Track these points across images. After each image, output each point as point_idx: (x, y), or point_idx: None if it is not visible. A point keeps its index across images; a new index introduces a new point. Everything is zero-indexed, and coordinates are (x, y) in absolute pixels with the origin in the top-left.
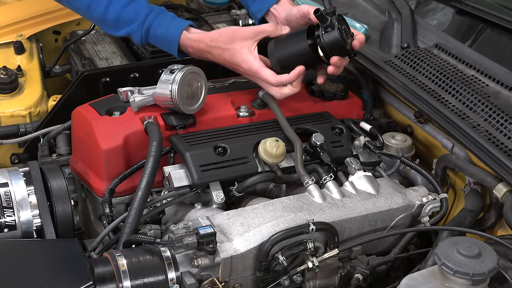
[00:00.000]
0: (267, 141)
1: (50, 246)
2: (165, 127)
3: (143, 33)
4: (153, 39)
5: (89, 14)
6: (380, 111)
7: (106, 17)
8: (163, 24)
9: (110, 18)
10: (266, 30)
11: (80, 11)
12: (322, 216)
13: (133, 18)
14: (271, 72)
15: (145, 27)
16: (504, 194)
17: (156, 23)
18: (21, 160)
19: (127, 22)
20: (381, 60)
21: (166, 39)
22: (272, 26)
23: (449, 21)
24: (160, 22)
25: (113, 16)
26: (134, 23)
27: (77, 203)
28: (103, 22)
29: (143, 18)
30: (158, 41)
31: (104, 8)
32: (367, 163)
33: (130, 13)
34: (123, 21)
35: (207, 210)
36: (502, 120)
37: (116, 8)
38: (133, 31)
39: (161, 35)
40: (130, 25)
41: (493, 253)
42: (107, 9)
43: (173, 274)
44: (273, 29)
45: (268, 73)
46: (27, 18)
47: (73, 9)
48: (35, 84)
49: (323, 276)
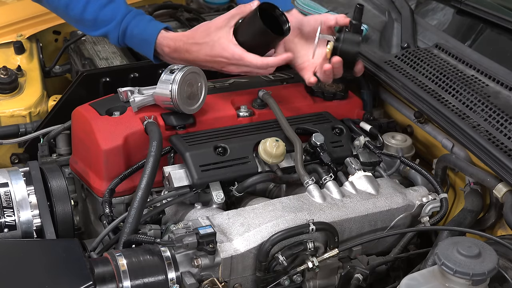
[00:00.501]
0: (267, 141)
1: (50, 246)
2: (165, 127)
3: (120, 33)
4: (130, 39)
5: (67, 13)
6: (380, 111)
7: (84, 17)
8: (140, 25)
9: (87, 18)
10: (236, 13)
11: (58, 11)
12: (322, 216)
13: (110, 19)
14: (255, 56)
15: (122, 27)
16: (504, 194)
17: (133, 24)
18: (21, 160)
19: (105, 22)
20: (381, 60)
21: (142, 39)
22: (239, 8)
23: (449, 21)
24: (137, 23)
25: (91, 16)
26: (112, 23)
27: (77, 203)
28: (80, 21)
29: (120, 18)
30: (135, 41)
31: (82, 8)
32: (367, 163)
33: (108, 14)
34: (101, 21)
35: (207, 210)
36: (502, 120)
37: (94, 8)
38: (110, 31)
39: (138, 35)
40: (108, 25)
41: (493, 253)
42: (85, 9)
43: (173, 274)
44: (242, 9)
45: (252, 57)
46: (27, 18)
47: (52, 9)
48: (35, 84)
49: (323, 276)
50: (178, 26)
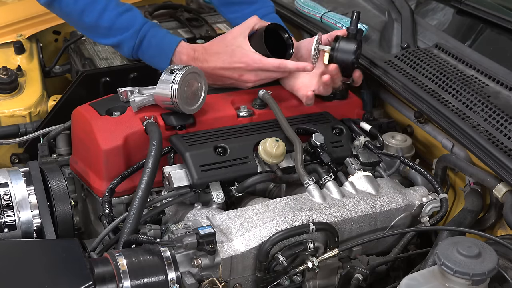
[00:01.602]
0: (267, 141)
1: (50, 246)
2: (165, 127)
3: (136, 42)
4: (146, 49)
5: (81, 19)
6: (380, 111)
7: (99, 23)
8: (159, 35)
9: (103, 25)
10: (250, 24)
11: (70, 17)
12: (322, 216)
13: (127, 27)
14: (273, 58)
15: (140, 36)
16: (504, 194)
17: (152, 33)
18: (21, 160)
19: (121, 30)
20: (381, 60)
21: (160, 48)
22: (253, 19)
23: (449, 21)
24: (155, 32)
25: (107, 23)
26: (129, 31)
27: (77, 203)
28: (94, 28)
29: (138, 27)
30: (150, 51)
31: (98, 15)
32: (367, 163)
33: (125, 22)
34: (116, 29)
35: (207, 210)
36: (502, 120)
37: (111, 15)
38: (125, 39)
39: (156, 45)
40: (124, 33)
41: (493, 253)
42: (101, 16)
43: (173, 274)
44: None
45: (270, 59)
46: (27, 18)
47: (63, 15)
48: (35, 84)
49: (323, 276)
50: (178, 26)
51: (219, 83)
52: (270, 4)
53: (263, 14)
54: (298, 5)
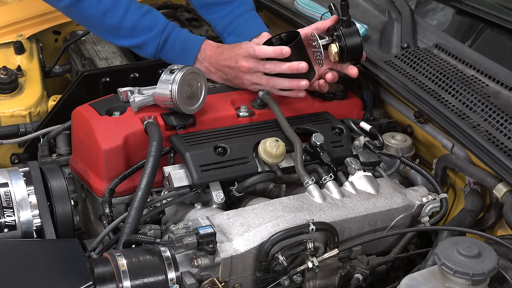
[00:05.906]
0: (267, 141)
1: (50, 246)
2: (165, 127)
3: (161, 42)
4: (170, 48)
5: (103, 21)
6: (380, 111)
7: (122, 25)
8: (182, 34)
9: (126, 26)
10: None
11: (91, 20)
12: (322, 216)
13: (150, 27)
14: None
15: (164, 35)
16: (504, 194)
17: (176, 32)
18: (21, 160)
19: (144, 31)
20: (381, 60)
21: (186, 44)
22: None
23: (449, 21)
24: (179, 32)
25: (130, 24)
26: (152, 31)
27: (77, 203)
28: (116, 30)
29: (162, 27)
30: (176, 49)
31: (121, 16)
32: (367, 163)
33: (147, 23)
34: (139, 30)
35: (207, 210)
36: (502, 120)
37: (134, 16)
38: (149, 39)
39: (181, 43)
40: (148, 33)
41: (493, 253)
42: (124, 17)
43: (173, 274)
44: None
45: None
46: (27, 18)
47: (83, 17)
48: (35, 84)
49: (323, 276)
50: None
51: (224, 77)
52: (248, 2)
53: (241, 12)
54: (298, 5)
